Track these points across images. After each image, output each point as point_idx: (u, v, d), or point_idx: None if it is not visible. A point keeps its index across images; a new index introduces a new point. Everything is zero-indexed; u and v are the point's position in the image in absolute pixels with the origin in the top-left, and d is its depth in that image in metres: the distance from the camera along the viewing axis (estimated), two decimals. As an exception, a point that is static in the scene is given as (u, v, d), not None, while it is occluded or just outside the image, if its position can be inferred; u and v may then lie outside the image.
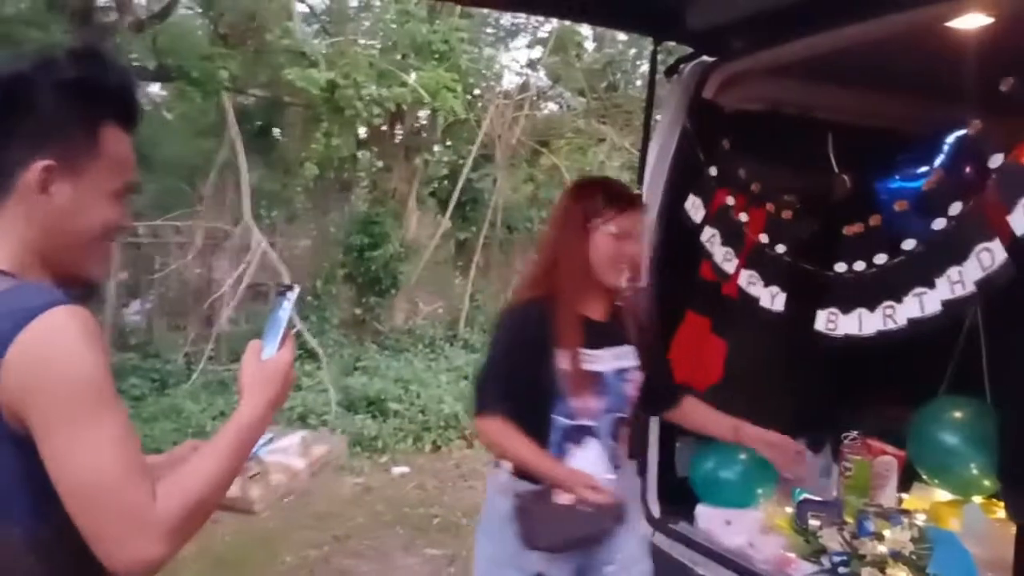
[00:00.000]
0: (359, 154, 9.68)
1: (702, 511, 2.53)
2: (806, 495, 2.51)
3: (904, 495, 2.53)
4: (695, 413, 2.27)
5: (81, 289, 1.15)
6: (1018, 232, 1.57)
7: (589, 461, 2.00)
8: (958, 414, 2.40)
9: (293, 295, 1.29)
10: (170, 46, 7.43)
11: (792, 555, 2.30)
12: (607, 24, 5.97)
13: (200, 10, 8.29)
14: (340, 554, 4.57)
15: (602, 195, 2.06)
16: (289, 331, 1.26)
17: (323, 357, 7.08)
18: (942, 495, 2.43)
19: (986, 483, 2.28)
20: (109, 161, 1.14)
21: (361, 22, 9.69)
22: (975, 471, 2.28)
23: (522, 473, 2.01)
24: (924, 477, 2.49)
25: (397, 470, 6.06)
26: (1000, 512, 2.28)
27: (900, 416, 2.56)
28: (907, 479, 2.53)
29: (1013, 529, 2.00)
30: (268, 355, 1.23)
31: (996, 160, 1.62)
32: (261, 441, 1.34)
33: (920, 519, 2.32)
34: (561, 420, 1.99)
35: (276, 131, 8.97)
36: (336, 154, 8.60)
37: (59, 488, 0.99)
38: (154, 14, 7.69)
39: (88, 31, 6.77)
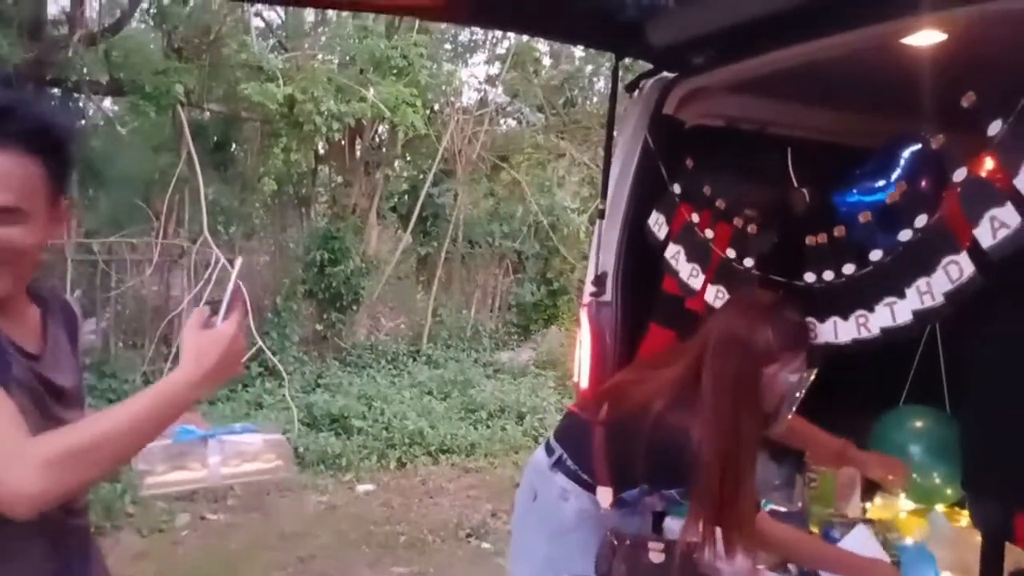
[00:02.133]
0: (318, 169, 9.60)
1: (670, 524, 2.53)
2: (772, 506, 2.52)
3: (868, 504, 2.56)
4: (801, 431, 2.35)
5: None
6: (983, 245, 1.60)
7: None
8: (919, 423, 2.44)
9: (236, 265, 1.30)
10: (123, 60, 7.26)
11: (760, 566, 2.31)
12: (568, 40, 6.01)
13: (153, 24, 8.16)
14: (305, 575, 4.50)
15: (775, 335, 1.92)
16: (234, 301, 1.23)
17: (284, 375, 6.99)
18: (906, 504, 2.46)
19: (948, 492, 2.31)
20: None
21: (318, 37, 9.62)
22: (937, 480, 2.31)
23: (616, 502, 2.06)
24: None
25: (362, 488, 5.99)
26: (964, 520, 2.32)
27: (862, 425, 2.59)
28: (871, 489, 2.56)
29: (977, 537, 2.03)
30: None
31: (959, 174, 1.65)
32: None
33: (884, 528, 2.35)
34: None
35: (233, 146, 8.85)
36: (295, 169, 8.52)
37: None
38: (106, 27, 7.55)
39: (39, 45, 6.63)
